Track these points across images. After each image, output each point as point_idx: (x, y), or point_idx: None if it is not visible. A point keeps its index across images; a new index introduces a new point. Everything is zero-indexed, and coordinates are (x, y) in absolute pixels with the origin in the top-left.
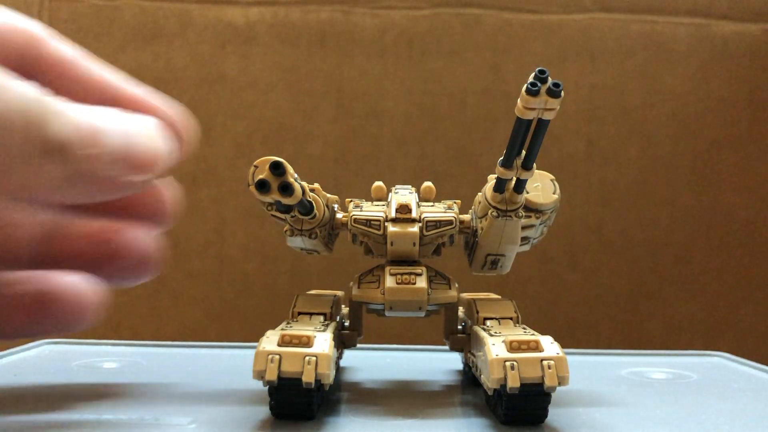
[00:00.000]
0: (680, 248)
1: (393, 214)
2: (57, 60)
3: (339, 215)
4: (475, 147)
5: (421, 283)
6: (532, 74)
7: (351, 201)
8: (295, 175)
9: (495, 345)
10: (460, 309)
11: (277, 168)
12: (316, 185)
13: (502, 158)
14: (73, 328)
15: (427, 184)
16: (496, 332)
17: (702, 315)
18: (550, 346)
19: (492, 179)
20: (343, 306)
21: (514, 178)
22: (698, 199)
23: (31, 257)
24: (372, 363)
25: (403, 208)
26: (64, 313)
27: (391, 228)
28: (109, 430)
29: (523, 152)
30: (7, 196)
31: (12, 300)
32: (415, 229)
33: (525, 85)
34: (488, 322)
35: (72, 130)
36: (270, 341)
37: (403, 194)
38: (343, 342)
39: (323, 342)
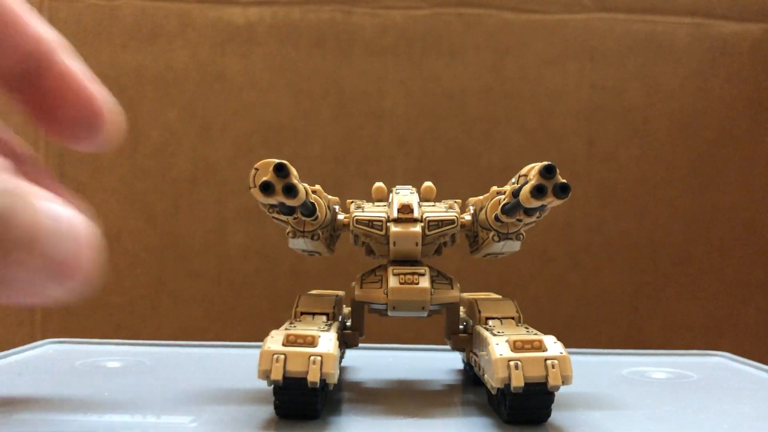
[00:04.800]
0: (680, 248)
1: (395, 215)
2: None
3: (340, 216)
4: (475, 147)
5: (425, 283)
6: (539, 170)
7: (352, 202)
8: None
9: (499, 344)
10: (462, 309)
11: (281, 170)
12: (318, 187)
13: (505, 206)
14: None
15: (428, 184)
16: (499, 332)
17: (702, 315)
18: (553, 346)
19: (494, 190)
20: (344, 306)
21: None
22: (698, 199)
23: None
24: (373, 362)
25: (405, 208)
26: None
27: (394, 228)
28: (112, 429)
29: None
30: None
31: None
32: (417, 228)
33: (529, 187)
34: (491, 322)
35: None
36: (275, 341)
37: (405, 194)
38: (345, 342)
39: (328, 342)
